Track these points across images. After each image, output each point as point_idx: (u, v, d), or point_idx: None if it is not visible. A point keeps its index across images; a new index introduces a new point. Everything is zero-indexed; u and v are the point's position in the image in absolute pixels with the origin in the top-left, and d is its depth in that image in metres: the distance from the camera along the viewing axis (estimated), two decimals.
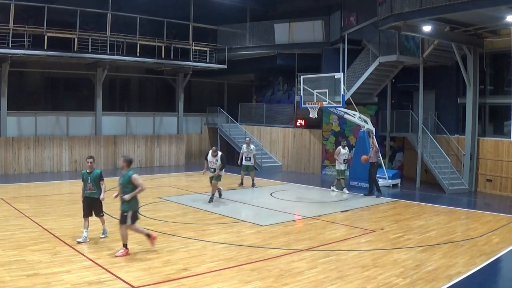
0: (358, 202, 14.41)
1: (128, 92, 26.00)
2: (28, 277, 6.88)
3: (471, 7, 12.95)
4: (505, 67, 17.04)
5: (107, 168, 21.20)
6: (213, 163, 13.60)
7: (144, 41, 21.00)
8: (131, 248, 8.66)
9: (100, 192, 9.09)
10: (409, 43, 18.59)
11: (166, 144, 23.54)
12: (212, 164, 13.62)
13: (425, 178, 18.14)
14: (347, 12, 20.07)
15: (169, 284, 6.87)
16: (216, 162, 13.52)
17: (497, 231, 10.66)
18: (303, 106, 17.87)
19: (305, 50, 22.29)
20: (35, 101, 21.73)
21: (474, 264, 8.13)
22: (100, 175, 9.17)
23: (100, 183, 9.13)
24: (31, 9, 18.82)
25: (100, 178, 9.13)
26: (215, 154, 13.60)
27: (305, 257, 8.47)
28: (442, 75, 18.73)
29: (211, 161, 13.62)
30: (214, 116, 25.49)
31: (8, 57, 17.87)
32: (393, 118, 20.07)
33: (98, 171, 9.20)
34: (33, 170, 19.34)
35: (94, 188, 9.07)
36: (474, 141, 16.76)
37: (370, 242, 9.70)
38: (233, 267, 7.75)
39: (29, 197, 14.00)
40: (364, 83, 19.19)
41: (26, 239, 8.96)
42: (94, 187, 9.06)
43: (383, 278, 7.35)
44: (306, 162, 22.01)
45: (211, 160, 13.61)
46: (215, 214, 12.10)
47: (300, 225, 11.56)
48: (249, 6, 23.74)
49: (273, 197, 15.04)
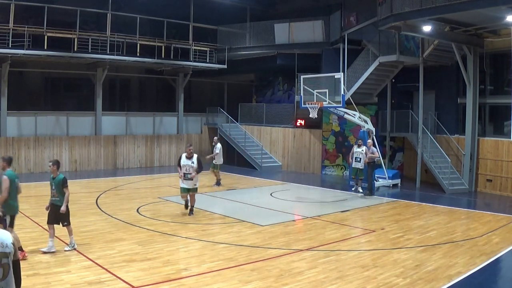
0: (358, 202, 14.41)
1: (128, 92, 26.00)
2: (28, 277, 6.87)
3: (471, 7, 12.94)
4: (505, 67, 17.05)
5: (107, 168, 21.24)
6: (189, 167, 11.56)
7: (144, 41, 21.00)
8: (132, 248, 8.67)
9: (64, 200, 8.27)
10: (409, 43, 18.59)
11: (166, 144, 23.55)
12: (188, 169, 11.56)
13: (425, 178, 18.14)
14: (347, 12, 20.06)
15: (169, 284, 6.87)
16: (192, 165, 11.56)
17: (497, 231, 10.67)
18: (303, 106, 17.86)
19: (305, 50, 22.29)
20: (35, 101, 21.72)
21: (474, 264, 8.13)
22: (63, 181, 8.34)
23: (64, 190, 8.30)
24: (31, 9, 18.80)
25: (63, 184, 8.31)
26: (190, 154, 11.66)
27: (305, 257, 8.47)
28: (442, 75, 18.73)
29: (186, 164, 11.60)
30: (214, 116, 25.49)
31: (8, 57, 17.86)
32: (393, 118, 20.06)
33: (61, 177, 8.41)
34: (33, 170, 19.33)
35: (58, 195, 8.32)
36: (474, 141, 16.76)
37: (370, 242, 9.70)
38: (233, 267, 7.75)
39: (29, 197, 13.99)
40: (364, 83, 19.19)
41: (26, 239, 8.94)
42: (57, 194, 8.32)
43: (383, 278, 7.35)
44: (306, 162, 22.01)
45: (186, 163, 11.61)
46: (215, 214, 12.11)
47: (300, 225, 11.57)
48: (249, 6, 23.73)
49: (273, 197, 15.04)
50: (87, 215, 11.47)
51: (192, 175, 11.49)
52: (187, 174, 11.49)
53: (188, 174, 11.48)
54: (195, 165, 11.51)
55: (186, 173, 11.51)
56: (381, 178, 17.32)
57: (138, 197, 14.30)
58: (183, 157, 11.68)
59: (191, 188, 11.65)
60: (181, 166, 11.63)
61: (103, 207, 12.52)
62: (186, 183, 11.60)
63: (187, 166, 11.52)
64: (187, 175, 11.49)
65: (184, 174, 11.52)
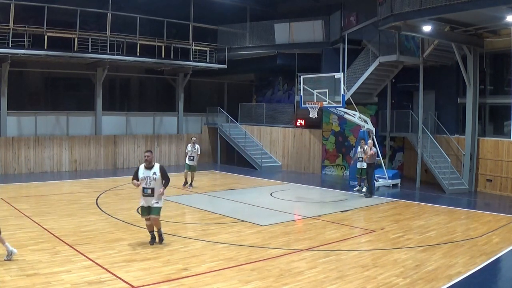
0: (358, 202, 14.41)
1: (128, 92, 25.99)
2: (28, 277, 6.88)
3: (471, 7, 12.95)
4: (505, 67, 17.04)
5: (107, 168, 21.24)
6: (149, 181, 8.63)
7: (144, 41, 21.00)
8: (132, 248, 8.67)
9: None
10: (409, 43, 18.59)
11: (166, 144, 23.55)
12: (149, 182, 8.62)
13: (425, 178, 18.14)
14: (347, 12, 20.07)
15: (169, 284, 6.87)
16: (154, 178, 8.63)
17: (497, 231, 10.66)
18: (303, 106, 17.87)
19: (305, 50, 22.30)
20: (35, 101, 21.72)
21: (474, 264, 8.13)
22: None
23: None
24: (31, 9, 18.79)
25: None
26: (150, 164, 8.74)
27: (305, 257, 8.47)
28: (442, 75, 18.73)
29: (145, 177, 8.64)
30: (214, 116, 25.49)
31: (8, 57, 17.86)
32: (393, 118, 20.06)
33: None
34: (33, 170, 19.33)
35: None
36: (474, 141, 16.76)
37: (370, 242, 9.70)
38: (233, 267, 7.74)
39: (29, 197, 14.01)
40: (364, 83, 19.19)
41: (26, 239, 8.95)
42: None
43: (383, 278, 7.35)
44: (306, 162, 22.01)
45: (145, 176, 8.65)
46: (215, 214, 12.10)
47: (300, 225, 11.56)
48: (249, 6, 23.73)
49: (273, 197, 15.03)
50: (87, 215, 11.47)
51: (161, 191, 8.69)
52: (146, 189, 8.63)
53: (148, 189, 8.63)
54: (157, 177, 8.64)
55: (146, 187, 8.62)
56: (381, 178, 17.32)
57: (138, 197, 14.15)
58: (141, 168, 8.76)
59: (152, 208, 8.70)
60: (140, 179, 8.69)
61: (103, 207, 12.52)
62: (145, 200, 8.72)
63: (148, 179, 8.62)
64: (146, 189, 8.63)
65: (144, 188, 8.65)
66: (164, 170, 8.76)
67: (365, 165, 15.42)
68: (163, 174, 8.70)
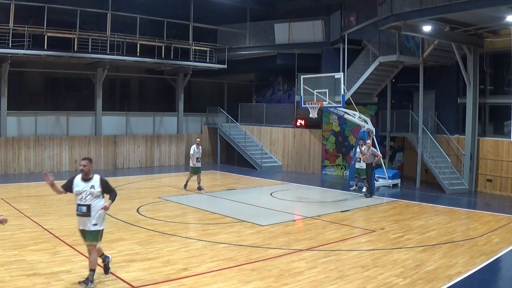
0: (358, 202, 14.41)
1: (128, 92, 26.00)
2: (28, 277, 6.88)
3: (471, 7, 12.94)
4: (505, 67, 17.05)
5: (107, 168, 21.24)
6: (85, 195, 6.65)
7: (144, 41, 21.00)
8: (132, 248, 8.67)
9: None
10: (409, 43, 18.58)
11: (166, 144, 23.55)
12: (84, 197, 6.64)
13: (425, 178, 18.15)
14: (347, 12, 20.07)
15: (169, 284, 6.87)
16: (91, 192, 6.67)
17: (497, 231, 10.66)
18: (303, 106, 17.87)
19: (305, 50, 22.30)
20: (35, 101, 21.74)
21: (474, 264, 8.13)
22: None
23: None
24: (31, 9, 18.81)
25: None
26: (88, 175, 6.74)
27: (305, 257, 8.47)
28: (442, 75, 18.74)
29: (82, 191, 6.65)
30: (214, 116, 25.50)
31: (8, 57, 17.87)
32: (393, 118, 20.06)
33: None
34: (33, 170, 19.33)
35: None
36: (474, 141, 16.76)
37: (370, 242, 9.70)
38: (233, 267, 7.74)
39: (29, 197, 14.00)
40: (364, 83, 19.19)
41: (26, 239, 8.96)
42: None
43: (383, 278, 7.35)
44: (306, 162, 22.01)
45: (82, 189, 6.66)
46: (215, 214, 12.10)
47: (300, 225, 11.56)
48: (249, 6, 23.75)
49: (273, 197, 15.03)
50: None
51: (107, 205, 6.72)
52: (81, 206, 6.64)
53: (83, 206, 6.63)
54: (95, 191, 6.68)
55: (81, 204, 6.64)
56: (381, 178, 17.32)
57: (138, 197, 14.29)
58: (77, 179, 6.76)
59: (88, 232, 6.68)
60: (75, 193, 6.71)
61: None
62: (81, 221, 6.72)
63: (84, 193, 6.65)
64: (81, 207, 6.64)
65: (78, 205, 6.67)
66: (106, 182, 6.87)
67: (363, 165, 15.39)
68: (105, 188, 6.79)
